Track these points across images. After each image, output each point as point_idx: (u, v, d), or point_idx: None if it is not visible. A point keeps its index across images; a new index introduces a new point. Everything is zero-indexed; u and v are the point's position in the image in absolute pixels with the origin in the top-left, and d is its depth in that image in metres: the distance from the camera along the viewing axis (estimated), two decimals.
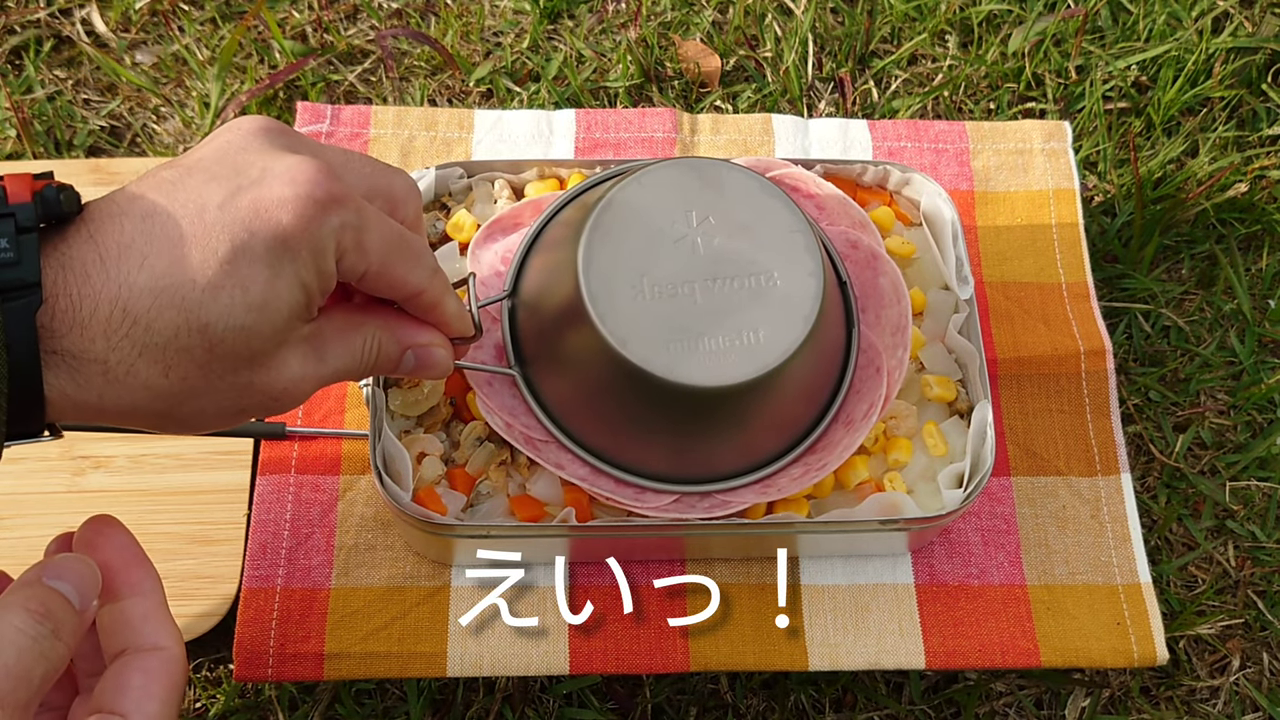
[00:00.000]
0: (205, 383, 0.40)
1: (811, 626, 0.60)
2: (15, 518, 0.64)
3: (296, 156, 0.41)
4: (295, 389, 0.43)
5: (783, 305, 0.51)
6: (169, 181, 0.40)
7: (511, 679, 0.61)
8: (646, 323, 0.51)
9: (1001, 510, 0.63)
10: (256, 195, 0.40)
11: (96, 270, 0.38)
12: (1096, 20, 0.82)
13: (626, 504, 0.54)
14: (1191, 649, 0.64)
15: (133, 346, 0.39)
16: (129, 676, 0.39)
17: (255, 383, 0.42)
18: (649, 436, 0.54)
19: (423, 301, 0.46)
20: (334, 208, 0.41)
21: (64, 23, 0.81)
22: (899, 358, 0.56)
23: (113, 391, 0.39)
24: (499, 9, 0.83)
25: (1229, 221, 0.76)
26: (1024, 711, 0.62)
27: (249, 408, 0.43)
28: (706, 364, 0.50)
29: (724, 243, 0.52)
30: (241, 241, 0.39)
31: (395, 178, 0.46)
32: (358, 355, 0.45)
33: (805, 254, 0.52)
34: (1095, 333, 0.67)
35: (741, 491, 0.55)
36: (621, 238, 0.52)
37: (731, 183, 0.53)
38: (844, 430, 0.55)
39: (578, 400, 0.54)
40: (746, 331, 0.51)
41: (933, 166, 0.72)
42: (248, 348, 0.40)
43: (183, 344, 0.39)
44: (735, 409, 0.52)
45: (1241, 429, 0.69)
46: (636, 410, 0.52)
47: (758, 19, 0.82)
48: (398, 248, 0.44)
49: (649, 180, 0.53)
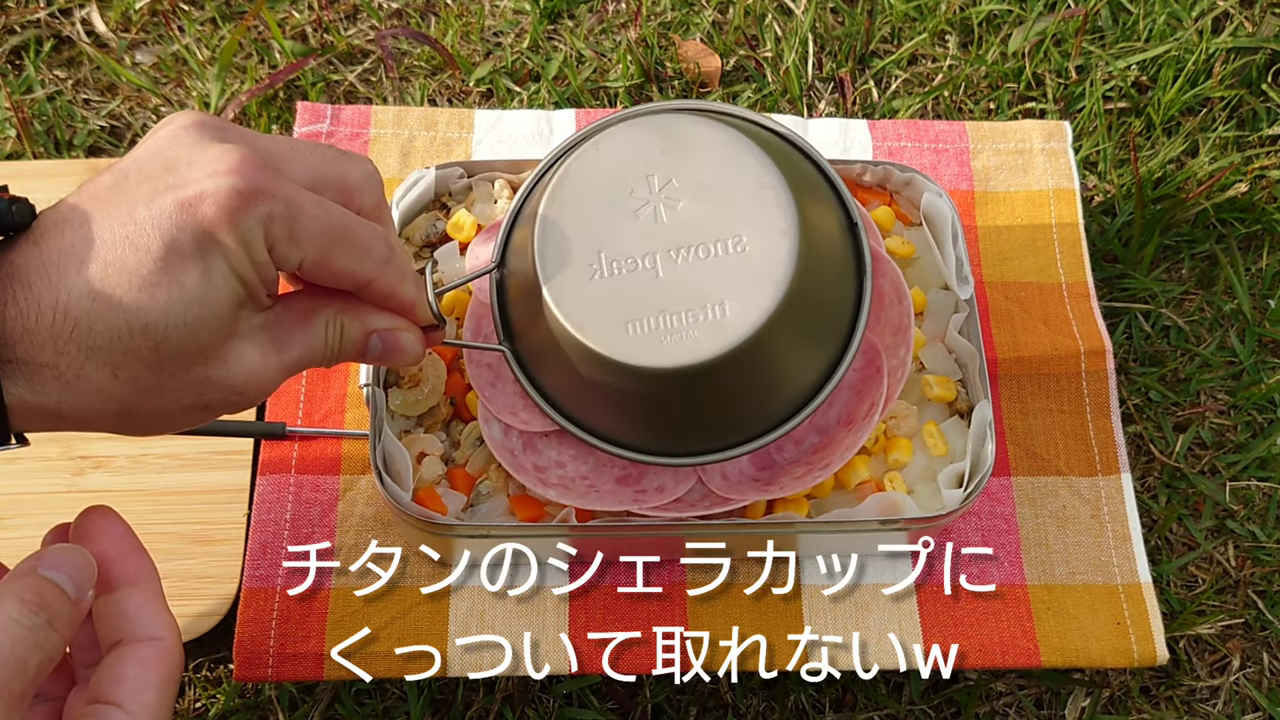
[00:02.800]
0: (158, 382, 0.40)
1: (812, 626, 0.60)
2: (15, 518, 0.64)
3: (223, 147, 0.41)
4: (257, 380, 0.43)
5: (752, 272, 0.47)
6: (106, 187, 0.41)
7: (511, 679, 0.61)
8: (604, 304, 0.48)
9: (1001, 510, 0.63)
10: (182, 190, 0.40)
11: (39, 278, 0.39)
12: (1096, 20, 0.82)
13: (625, 506, 0.54)
14: (1191, 649, 0.64)
15: (79, 350, 0.39)
16: (125, 667, 0.40)
17: (212, 378, 0.41)
18: (629, 413, 0.51)
19: (375, 291, 0.45)
20: (259, 198, 0.40)
21: (64, 23, 0.81)
22: (900, 357, 0.56)
23: (69, 396, 0.40)
24: (499, 9, 0.83)
25: (1229, 221, 0.76)
26: (1024, 711, 0.62)
27: (212, 404, 0.42)
28: (666, 344, 0.47)
29: (688, 207, 0.48)
30: (171, 238, 0.39)
31: (349, 165, 0.45)
32: (320, 341, 0.45)
33: (776, 211, 0.48)
34: (1095, 333, 0.67)
35: (742, 490, 0.55)
36: (577, 212, 0.49)
37: (698, 140, 0.49)
38: (845, 430, 0.55)
39: (558, 379, 0.52)
40: (711, 305, 0.47)
41: (933, 166, 0.72)
42: (195, 343, 0.40)
43: (127, 345, 0.39)
44: (708, 388, 0.49)
45: (1241, 429, 0.69)
46: (609, 389, 0.50)
47: (758, 19, 0.82)
48: (339, 237, 0.43)
49: (606, 145, 0.50)
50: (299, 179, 0.43)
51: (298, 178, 0.43)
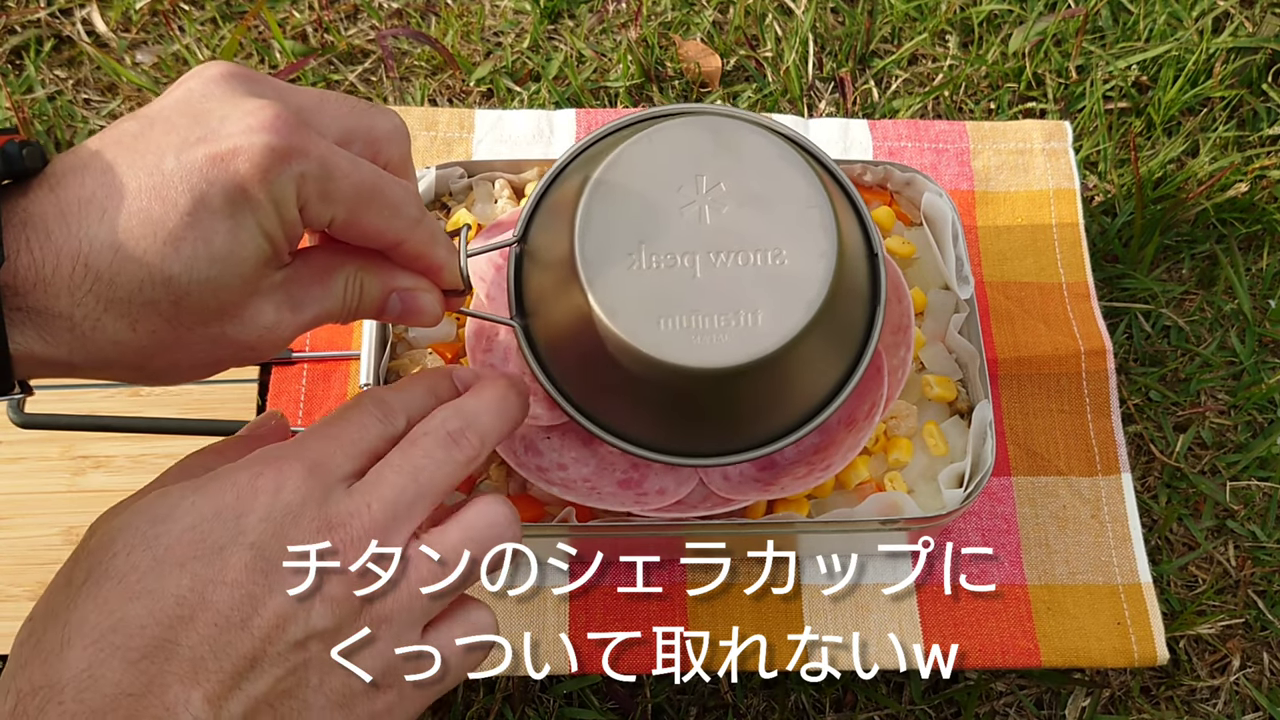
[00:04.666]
0: (175, 336, 0.39)
1: (812, 626, 0.60)
2: (15, 518, 0.64)
3: (257, 102, 0.40)
4: (271, 337, 0.42)
5: (787, 286, 0.48)
6: (130, 134, 0.39)
7: (511, 679, 0.61)
8: (639, 294, 0.48)
9: (1002, 510, 0.63)
10: (214, 145, 0.38)
11: (58, 226, 0.37)
12: (1097, 20, 0.82)
13: (626, 508, 0.54)
14: (1192, 649, 0.64)
15: (97, 302, 0.38)
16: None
17: (228, 334, 0.40)
18: (638, 408, 0.51)
19: (405, 252, 0.44)
20: (294, 156, 0.39)
21: (64, 23, 0.81)
22: (901, 357, 0.56)
23: (82, 348, 0.38)
24: (499, 9, 0.83)
25: (1229, 221, 0.76)
26: (1024, 711, 0.62)
27: (225, 358, 0.42)
28: (696, 344, 0.47)
29: (733, 213, 0.49)
30: (200, 193, 0.38)
31: (377, 118, 0.44)
32: (338, 299, 0.43)
33: (819, 232, 0.49)
34: (1095, 332, 0.67)
35: (744, 490, 0.55)
36: (623, 201, 0.49)
37: (749, 147, 0.50)
38: (846, 431, 0.55)
39: (570, 362, 0.51)
40: (744, 312, 0.48)
41: (933, 166, 0.72)
42: (216, 300, 0.39)
43: (148, 298, 0.38)
44: (726, 392, 0.49)
45: (1242, 429, 0.69)
46: (624, 381, 0.49)
47: (758, 19, 0.82)
48: (371, 197, 0.42)
49: (660, 139, 0.50)
50: (329, 133, 0.42)
51: (328, 132, 0.42)
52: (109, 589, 0.36)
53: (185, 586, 0.36)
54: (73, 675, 0.34)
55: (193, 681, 0.34)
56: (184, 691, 0.34)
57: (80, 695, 0.34)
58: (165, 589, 0.35)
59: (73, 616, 0.35)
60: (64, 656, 0.34)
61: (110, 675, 0.34)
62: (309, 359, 0.66)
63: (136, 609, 0.35)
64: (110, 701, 0.34)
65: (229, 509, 0.37)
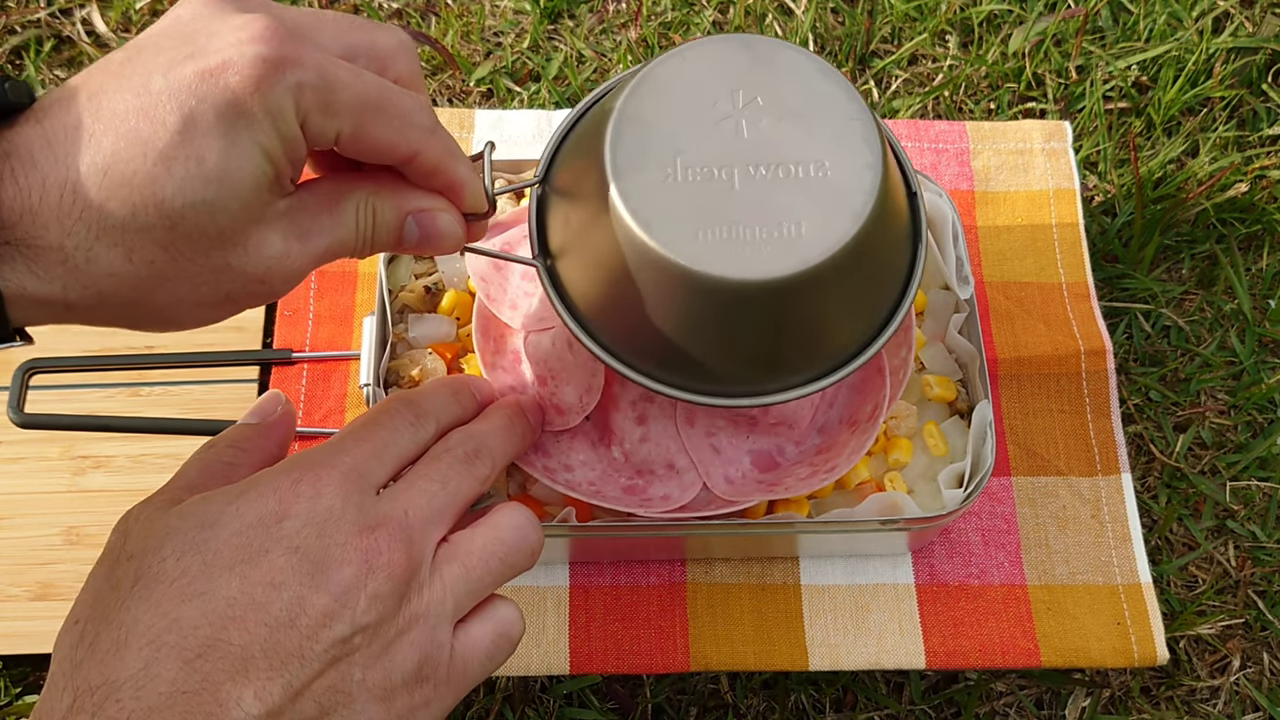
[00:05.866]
0: (174, 266, 0.38)
1: (812, 626, 0.60)
2: (15, 518, 0.64)
3: (246, 16, 0.38)
4: (280, 268, 0.40)
5: (832, 197, 0.45)
6: (117, 62, 0.38)
7: (511, 679, 0.61)
8: (675, 206, 0.45)
9: (1002, 510, 0.63)
10: (203, 60, 0.37)
11: (43, 155, 0.36)
12: (1097, 20, 0.82)
13: (629, 510, 0.54)
14: (1191, 649, 0.64)
15: (88, 230, 0.36)
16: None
17: (232, 265, 0.39)
18: (671, 340, 0.47)
19: (421, 165, 0.42)
20: (288, 66, 0.37)
21: (64, 23, 0.81)
22: (902, 357, 0.56)
23: (76, 282, 0.37)
24: (499, 9, 0.83)
25: (1229, 221, 0.76)
26: (1024, 711, 0.62)
27: (233, 294, 0.40)
28: (738, 254, 0.44)
29: (771, 126, 0.46)
30: (190, 110, 0.36)
31: (379, 33, 0.42)
32: (350, 226, 0.42)
33: (863, 144, 0.46)
34: (1095, 333, 0.67)
35: (746, 491, 0.55)
36: (657, 114, 0.46)
37: (785, 62, 0.47)
38: (850, 432, 0.55)
39: (599, 297, 0.48)
40: (787, 223, 0.45)
41: (933, 166, 0.72)
42: (214, 225, 0.38)
43: (141, 223, 0.37)
44: (767, 312, 0.46)
45: (1242, 429, 0.69)
46: (658, 308, 0.46)
47: (758, 19, 0.82)
48: (377, 106, 0.39)
49: (692, 54, 0.47)
50: (329, 48, 0.40)
51: (328, 47, 0.40)
52: (161, 592, 0.36)
53: (235, 589, 0.37)
54: (130, 674, 0.35)
55: (244, 679, 0.35)
56: (236, 689, 0.35)
57: (138, 693, 0.35)
58: (216, 591, 0.36)
59: (126, 618, 0.36)
60: (121, 656, 0.35)
61: (166, 674, 0.35)
62: (309, 359, 0.66)
63: (189, 610, 0.36)
64: (166, 699, 0.35)
65: (271, 514, 0.38)
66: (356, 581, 0.38)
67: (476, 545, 0.42)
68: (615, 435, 0.55)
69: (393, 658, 0.38)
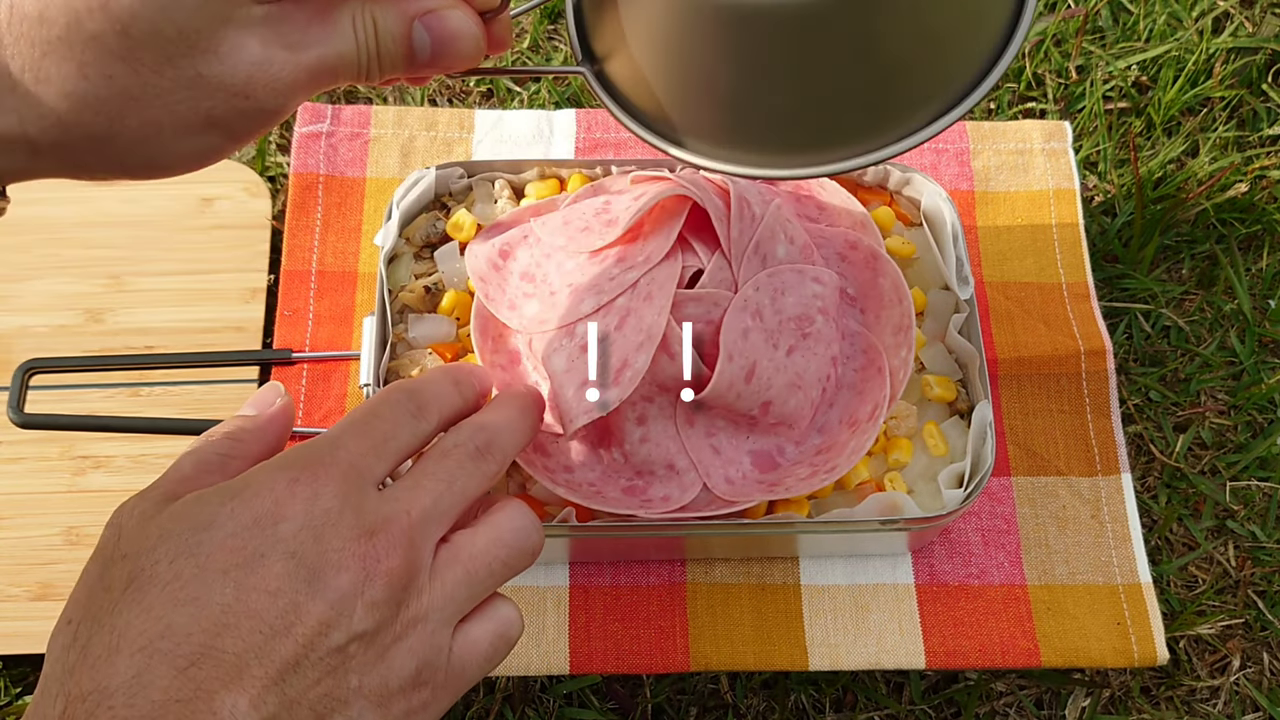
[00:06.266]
0: (138, 80, 0.35)
1: (812, 626, 0.60)
2: (15, 518, 0.64)
3: None
4: (263, 76, 0.36)
5: None
6: None
7: (511, 679, 0.61)
8: None
9: (1002, 510, 0.63)
10: None
11: None
12: (1097, 20, 0.82)
13: (629, 511, 0.54)
14: (1191, 649, 0.64)
15: (32, 45, 0.34)
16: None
17: (205, 75, 0.35)
18: (734, 96, 0.43)
19: None
20: None
21: None
22: (902, 357, 0.56)
23: (32, 110, 0.34)
24: None
25: (1229, 221, 0.76)
26: (1024, 711, 0.62)
27: (215, 114, 0.36)
28: None
29: None
30: None
31: None
32: (349, 38, 0.38)
33: None
34: (1095, 333, 0.67)
35: (747, 492, 0.55)
36: None
37: None
38: (849, 432, 0.55)
39: (658, 65, 0.44)
40: None
41: (933, 166, 0.72)
42: (171, 25, 0.34)
43: (89, 31, 0.34)
44: (844, 36, 0.40)
45: (1242, 429, 0.69)
46: (719, 65, 0.42)
47: None
48: None
49: None
50: None
51: None
52: (154, 595, 0.35)
53: (229, 594, 0.36)
54: (122, 682, 0.34)
55: (238, 687, 0.35)
56: (230, 697, 0.34)
57: (130, 701, 0.34)
58: (210, 597, 0.35)
59: (118, 622, 0.35)
60: (113, 662, 0.34)
61: (159, 681, 0.34)
62: (309, 359, 0.66)
63: (182, 616, 0.35)
64: (159, 708, 0.34)
65: (268, 516, 0.37)
66: (354, 589, 0.37)
67: (479, 548, 0.41)
68: (615, 436, 0.55)
69: (390, 664, 0.38)
